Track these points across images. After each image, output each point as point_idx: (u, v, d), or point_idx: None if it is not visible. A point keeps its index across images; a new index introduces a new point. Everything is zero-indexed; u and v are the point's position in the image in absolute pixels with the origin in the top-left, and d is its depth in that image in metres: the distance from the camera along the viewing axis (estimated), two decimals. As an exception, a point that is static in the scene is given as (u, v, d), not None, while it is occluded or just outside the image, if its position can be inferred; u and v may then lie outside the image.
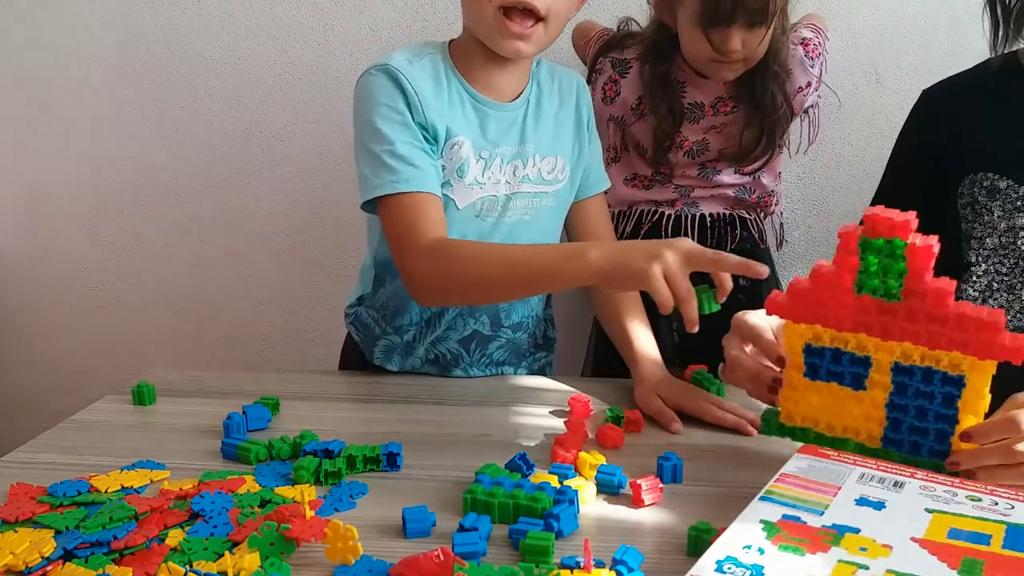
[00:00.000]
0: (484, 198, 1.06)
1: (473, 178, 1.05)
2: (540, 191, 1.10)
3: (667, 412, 0.96)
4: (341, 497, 0.78)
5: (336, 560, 0.65)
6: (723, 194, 1.37)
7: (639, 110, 1.32)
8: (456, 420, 0.97)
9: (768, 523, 0.65)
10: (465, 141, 1.04)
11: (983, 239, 1.02)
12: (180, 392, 1.05)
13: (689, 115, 1.30)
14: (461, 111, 1.05)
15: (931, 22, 1.61)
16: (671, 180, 1.36)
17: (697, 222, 1.37)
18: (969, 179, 1.02)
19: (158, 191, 1.84)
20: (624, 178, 1.38)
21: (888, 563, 0.59)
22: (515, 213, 1.09)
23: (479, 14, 1.00)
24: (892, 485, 0.71)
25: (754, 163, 1.34)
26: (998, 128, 1.02)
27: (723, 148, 1.32)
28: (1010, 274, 1.00)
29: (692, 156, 1.33)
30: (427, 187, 0.99)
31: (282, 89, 1.75)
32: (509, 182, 1.08)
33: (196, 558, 0.66)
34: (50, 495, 0.77)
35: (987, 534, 0.62)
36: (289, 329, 1.88)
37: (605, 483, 0.79)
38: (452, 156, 1.03)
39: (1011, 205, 0.99)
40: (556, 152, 1.11)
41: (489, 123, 1.06)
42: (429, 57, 1.05)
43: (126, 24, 1.75)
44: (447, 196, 1.04)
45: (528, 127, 1.09)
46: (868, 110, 1.63)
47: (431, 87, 1.03)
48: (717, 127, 1.32)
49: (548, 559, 0.65)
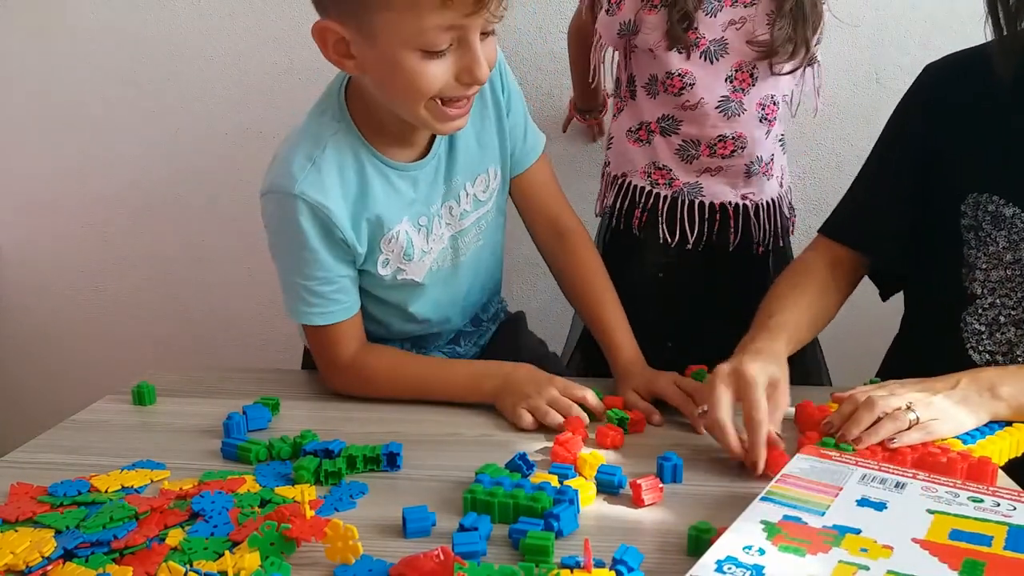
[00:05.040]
0: (436, 257, 1.05)
1: (420, 250, 1.02)
2: (481, 214, 1.07)
3: (642, 405, 0.97)
4: (341, 497, 0.78)
5: (336, 560, 0.65)
6: (731, 164, 1.24)
7: (650, 0, 1.19)
8: (456, 420, 0.97)
9: (769, 523, 0.65)
10: (400, 226, 0.98)
11: (988, 271, 0.99)
12: (180, 392, 1.05)
13: (706, 6, 1.18)
14: (382, 194, 0.97)
15: (932, 22, 1.61)
16: (678, 130, 1.23)
17: (696, 210, 1.27)
18: (973, 199, 0.99)
19: (158, 191, 1.84)
20: (628, 129, 1.28)
21: (889, 564, 0.59)
22: (467, 247, 1.07)
23: (413, 109, 0.89)
24: (893, 486, 0.71)
25: (784, 58, 1.19)
26: (1007, 147, 0.98)
27: (748, 40, 1.19)
28: (1017, 308, 0.97)
29: (709, 59, 1.20)
30: (341, 316, 1.00)
31: (282, 89, 1.75)
32: (450, 224, 1.04)
33: (196, 558, 0.66)
34: (50, 495, 0.77)
35: (988, 535, 0.62)
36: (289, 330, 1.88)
37: (605, 483, 0.79)
38: (393, 247, 0.99)
39: (1017, 236, 0.96)
40: (485, 166, 1.05)
41: (416, 189, 0.99)
42: (331, 146, 0.94)
43: (126, 24, 1.75)
44: (405, 279, 1.03)
45: (452, 164, 1.02)
46: (868, 110, 1.63)
47: (341, 194, 0.94)
48: (737, 21, 1.19)
49: (548, 559, 0.65)
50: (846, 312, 1.10)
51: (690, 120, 1.23)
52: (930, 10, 1.60)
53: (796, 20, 1.17)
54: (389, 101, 0.92)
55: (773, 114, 1.24)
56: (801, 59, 1.21)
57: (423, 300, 1.07)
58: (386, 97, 0.91)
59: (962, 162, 1.01)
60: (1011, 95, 0.97)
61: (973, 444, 0.83)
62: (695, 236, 1.26)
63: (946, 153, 1.02)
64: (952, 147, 1.02)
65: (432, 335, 1.14)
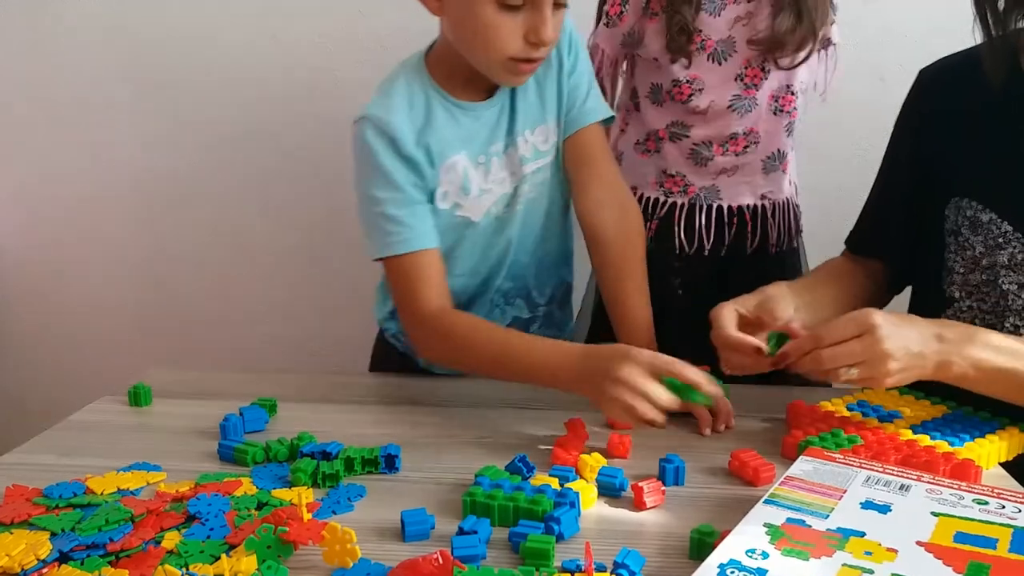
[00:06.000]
0: (496, 200, 1.07)
1: (478, 188, 1.05)
2: (540, 165, 1.09)
3: None
4: (339, 499, 0.77)
5: (334, 563, 0.65)
6: (746, 161, 1.22)
7: (649, 8, 1.18)
8: (455, 422, 0.97)
9: (772, 526, 0.64)
10: (459, 158, 1.03)
11: (966, 275, 0.99)
12: (177, 393, 1.04)
13: (708, 6, 1.17)
14: (445, 125, 1.02)
15: (935, 22, 1.60)
16: (688, 134, 1.22)
17: (714, 215, 1.24)
18: (954, 204, 1.00)
19: (157, 191, 1.84)
20: (636, 142, 1.27)
21: (893, 567, 0.58)
22: (522, 197, 1.08)
23: (484, 58, 0.97)
24: (898, 488, 0.70)
25: (792, 51, 1.16)
26: (988, 153, 0.99)
27: (752, 37, 1.17)
28: (992, 312, 0.98)
29: (717, 60, 1.18)
30: (421, 244, 1.00)
31: (282, 89, 1.75)
32: (513, 173, 1.07)
33: (192, 561, 0.65)
34: (46, 497, 0.76)
35: (994, 538, 0.62)
36: (289, 330, 1.88)
37: (606, 485, 0.78)
38: (452, 177, 1.03)
39: (993, 241, 0.96)
40: (544, 119, 1.08)
41: (477, 126, 1.04)
42: (402, 81, 1.02)
43: (126, 24, 1.75)
44: (461, 216, 1.04)
45: (514, 111, 1.06)
46: (871, 110, 1.61)
47: (407, 117, 1.00)
48: (743, 17, 1.17)
49: (549, 562, 0.65)
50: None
51: (700, 123, 1.22)
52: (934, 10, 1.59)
53: (800, 9, 1.15)
54: (460, 45, 0.99)
55: (791, 104, 1.22)
56: (810, 48, 1.18)
57: (470, 245, 1.07)
58: (458, 41, 0.99)
59: (947, 167, 1.02)
60: (998, 100, 0.97)
61: (961, 446, 0.83)
62: (712, 242, 1.25)
63: (935, 158, 1.03)
64: (940, 152, 1.03)
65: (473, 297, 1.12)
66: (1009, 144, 0.97)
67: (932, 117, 1.05)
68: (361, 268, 1.81)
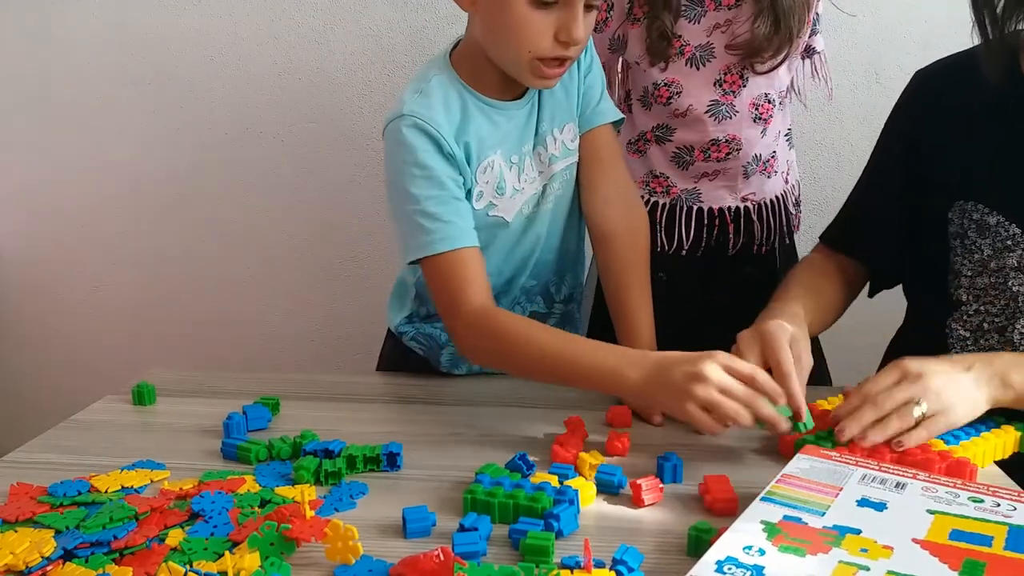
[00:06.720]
0: (528, 199, 1.06)
1: (512, 188, 1.04)
2: (568, 164, 1.09)
3: (644, 409, 0.96)
4: (341, 497, 0.78)
5: (336, 560, 0.65)
6: (726, 167, 1.23)
7: (632, 13, 1.20)
8: (456, 420, 0.97)
9: (769, 524, 0.65)
10: (495, 158, 1.02)
11: (973, 279, 0.99)
12: (180, 392, 1.05)
13: (687, 12, 1.18)
14: (482, 124, 1.01)
15: (932, 22, 1.61)
16: (671, 137, 1.23)
17: (694, 217, 1.26)
18: (959, 207, 0.99)
19: (157, 191, 1.84)
20: (628, 142, 1.28)
21: (889, 564, 0.59)
22: (551, 194, 1.08)
23: (514, 57, 0.96)
24: (894, 486, 0.71)
25: (769, 57, 1.18)
26: (991, 156, 0.98)
27: (730, 43, 1.18)
28: (1000, 315, 0.98)
29: (695, 65, 1.19)
30: (462, 241, 0.97)
31: (282, 89, 1.75)
32: (542, 172, 1.07)
33: (196, 558, 0.66)
34: (50, 495, 0.77)
35: (989, 536, 0.62)
36: (288, 330, 1.88)
37: (605, 483, 0.79)
38: (488, 178, 1.02)
39: (1001, 243, 0.96)
40: (572, 117, 1.09)
41: (511, 126, 1.04)
42: (436, 80, 1.00)
43: (126, 24, 1.75)
44: (495, 216, 1.04)
45: (542, 110, 1.06)
46: (868, 110, 1.63)
47: (445, 116, 0.99)
48: (721, 25, 1.18)
49: (548, 559, 0.65)
50: (847, 312, 1.10)
51: (683, 127, 1.23)
52: (931, 10, 1.60)
53: (778, 15, 1.16)
54: (490, 43, 0.98)
55: (768, 112, 1.24)
56: (786, 54, 1.19)
57: (501, 245, 1.06)
58: (488, 38, 0.98)
59: (949, 170, 1.01)
60: (997, 102, 0.97)
61: (956, 445, 0.83)
62: (691, 242, 1.26)
63: (935, 161, 1.03)
64: (940, 155, 1.03)
65: None
66: (1013, 146, 0.97)
67: (928, 119, 1.04)
68: (362, 267, 1.83)
